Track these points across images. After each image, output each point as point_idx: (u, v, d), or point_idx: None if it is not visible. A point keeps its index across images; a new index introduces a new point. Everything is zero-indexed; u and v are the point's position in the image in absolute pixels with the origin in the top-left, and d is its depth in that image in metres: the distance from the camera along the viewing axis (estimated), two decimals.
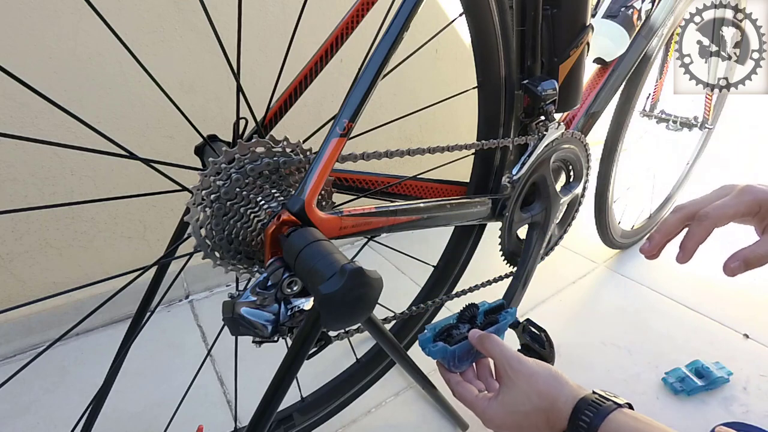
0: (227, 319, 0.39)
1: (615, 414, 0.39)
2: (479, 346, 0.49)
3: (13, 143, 0.76)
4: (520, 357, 0.45)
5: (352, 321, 0.37)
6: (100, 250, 0.94)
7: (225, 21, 0.41)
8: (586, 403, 0.40)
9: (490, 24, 0.51)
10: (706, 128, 1.26)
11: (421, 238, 0.73)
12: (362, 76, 0.41)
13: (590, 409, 0.40)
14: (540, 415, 0.42)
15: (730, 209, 0.41)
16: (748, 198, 0.41)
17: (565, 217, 0.75)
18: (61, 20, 0.75)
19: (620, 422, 0.38)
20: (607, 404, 0.40)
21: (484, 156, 0.62)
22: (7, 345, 0.89)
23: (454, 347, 0.49)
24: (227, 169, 0.40)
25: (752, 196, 0.41)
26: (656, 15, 0.78)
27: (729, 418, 0.74)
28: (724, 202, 0.42)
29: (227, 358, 0.88)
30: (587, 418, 0.39)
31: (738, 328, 0.94)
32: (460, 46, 1.30)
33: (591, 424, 0.39)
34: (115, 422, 0.75)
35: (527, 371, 0.44)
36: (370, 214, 0.45)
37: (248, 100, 0.44)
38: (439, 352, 0.49)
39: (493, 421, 0.45)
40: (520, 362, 0.45)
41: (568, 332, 0.96)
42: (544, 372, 0.44)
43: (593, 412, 0.39)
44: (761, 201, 0.41)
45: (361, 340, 0.92)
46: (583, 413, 0.40)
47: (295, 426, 0.65)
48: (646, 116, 1.27)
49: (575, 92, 0.64)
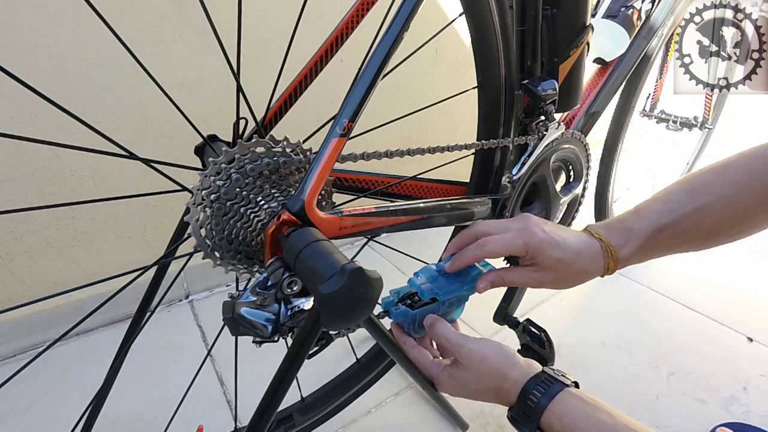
0: (227, 319, 0.39)
1: (562, 394, 0.40)
2: (429, 331, 0.49)
3: (13, 143, 0.76)
4: (469, 343, 0.45)
5: (352, 321, 0.36)
6: (100, 250, 0.94)
7: (225, 21, 0.41)
8: (535, 384, 0.41)
9: (490, 24, 0.51)
10: (706, 128, 1.26)
11: (421, 238, 0.73)
12: (362, 76, 0.41)
13: (538, 389, 0.41)
14: (490, 392, 0.44)
15: (502, 248, 0.48)
16: (520, 242, 0.47)
17: (565, 217, 0.75)
18: (61, 20, 0.75)
19: (567, 403, 0.39)
20: (555, 384, 0.41)
21: (484, 156, 0.62)
22: (7, 345, 0.89)
23: (415, 311, 0.50)
24: (227, 169, 0.40)
25: (523, 241, 0.47)
26: (656, 15, 0.78)
27: (729, 418, 0.74)
28: (502, 238, 0.48)
29: (227, 358, 0.88)
30: (535, 398, 0.40)
31: (738, 328, 0.94)
32: (460, 46, 1.30)
33: (538, 404, 0.40)
34: (115, 422, 0.75)
35: (477, 356, 0.44)
36: (370, 214, 0.45)
37: (248, 100, 0.44)
38: (401, 315, 0.51)
39: (444, 388, 0.48)
40: (468, 348, 0.45)
41: (568, 332, 0.96)
42: (493, 354, 0.44)
43: (541, 392, 0.40)
44: (529, 246, 0.47)
45: (361, 340, 0.92)
46: (531, 393, 0.41)
47: (295, 426, 0.65)
48: (646, 116, 1.27)
49: (575, 92, 0.64)
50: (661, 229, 0.47)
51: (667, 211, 0.48)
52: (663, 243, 0.48)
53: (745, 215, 0.45)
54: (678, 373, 0.84)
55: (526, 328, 0.69)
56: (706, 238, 0.47)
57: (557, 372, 0.43)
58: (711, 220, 0.46)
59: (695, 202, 0.47)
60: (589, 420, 0.37)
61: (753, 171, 0.45)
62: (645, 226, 0.48)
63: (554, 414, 0.39)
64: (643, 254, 0.49)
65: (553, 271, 0.48)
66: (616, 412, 0.38)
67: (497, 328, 0.87)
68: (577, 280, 0.50)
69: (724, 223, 0.46)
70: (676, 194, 0.49)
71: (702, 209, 0.46)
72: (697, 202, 0.47)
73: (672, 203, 0.48)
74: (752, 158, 0.45)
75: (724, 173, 0.47)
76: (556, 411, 0.39)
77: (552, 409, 0.39)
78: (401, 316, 0.51)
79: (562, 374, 0.43)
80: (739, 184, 0.45)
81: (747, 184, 0.44)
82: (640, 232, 0.48)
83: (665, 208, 0.48)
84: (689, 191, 0.48)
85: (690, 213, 0.47)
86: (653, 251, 0.49)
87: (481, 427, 0.75)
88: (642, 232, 0.48)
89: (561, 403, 0.39)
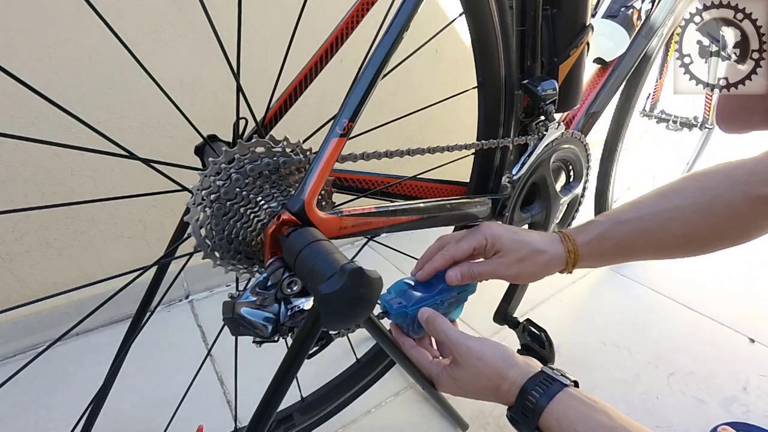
0: (227, 319, 0.39)
1: (561, 395, 0.39)
2: (426, 327, 0.49)
3: (13, 143, 0.76)
4: (467, 342, 0.45)
5: (352, 321, 0.36)
6: (100, 250, 0.94)
7: (225, 21, 0.41)
8: (533, 384, 0.41)
9: (490, 24, 0.51)
10: (706, 128, 1.26)
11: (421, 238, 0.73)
12: (362, 76, 0.41)
13: (537, 389, 0.40)
14: (489, 392, 0.44)
15: (465, 244, 0.51)
16: (479, 235, 0.50)
17: (565, 217, 0.75)
18: (61, 20, 0.75)
19: (566, 404, 0.39)
20: (554, 385, 0.40)
21: (484, 156, 0.62)
22: (7, 345, 0.89)
23: (413, 312, 0.50)
24: (227, 169, 0.40)
25: (481, 233, 0.50)
26: (656, 15, 0.78)
27: (729, 418, 0.74)
28: (462, 238, 0.51)
29: (227, 358, 0.88)
30: (533, 398, 0.40)
31: (738, 328, 0.94)
32: (460, 46, 1.30)
33: (537, 405, 0.39)
34: (115, 422, 0.75)
35: (475, 355, 0.44)
36: (370, 214, 0.45)
37: (248, 100, 0.44)
38: (400, 316, 0.50)
39: (443, 388, 0.48)
40: (468, 346, 0.45)
41: (568, 332, 0.96)
42: (491, 354, 0.44)
43: (539, 393, 0.40)
44: (487, 236, 0.50)
45: (361, 340, 0.92)
46: (529, 394, 0.40)
47: (295, 426, 0.65)
48: (646, 116, 1.27)
49: (575, 92, 0.64)
50: (622, 222, 0.48)
51: (632, 208, 0.49)
52: (626, 238, 0.48)
53: (717, 224, 0.45)
54: (678, 373, 0.84)
55: (526, 328, 0.69)
56: (675, 243, 0.48)
57: (556, 372, 0.43)
58: (680, 224, 0.46)
59: (663, 204, 0.47)
60: (588, 423, 0.37)
61: (734, 180, 0.44)
62: (606, 219, 0.50)
63: (553, 415, 0.39)
64: (605, 247, 0.50)
65: (513, 253, 0.49)
66: (615, 413, 0.38)
67: (497, 328, 0.87)
68: (541, 265, 0.50)
69: (695, 230, 0.46)
70: (645, 196, 0.50)
71: (671, 212, 0.47)
72: (665, 204, 0.47)
73: (639, 203, 0.49)
74: (736, 168, 0.45)
75: (701, 180, 0.47)
76: (555, 412, 0.39)
77: (551, 410, 0.39)
78: (400, 316, 0.51)
79: (561, 373, 0.42)
80: (715, 190, 0.45)
81: (724, 192, 0.44)
82: (600, 222, 0.50)
83: (630, 207, 0.50)
84: (659, 194, 0.49)
85: (657, 213, 0.47)
86: (618, 247, 0.49)
87: (481, 427, 0.75)
88: (602, 223, 0.50)
89: (560, 404, 0.39)
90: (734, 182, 0.44)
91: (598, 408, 0.38)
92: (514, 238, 0.50)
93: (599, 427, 0.36)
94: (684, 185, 0.48)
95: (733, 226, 0.45)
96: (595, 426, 0.37)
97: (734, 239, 0.46)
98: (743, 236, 0.46)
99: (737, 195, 0.44)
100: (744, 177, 0.44)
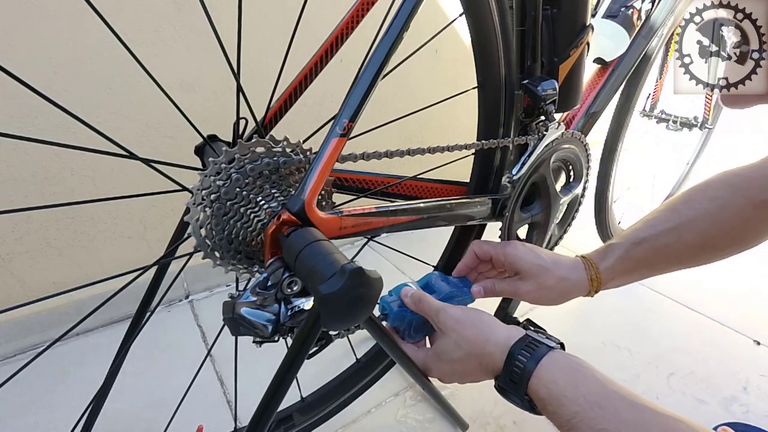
0: (227, 319, 0.39)
1: (548, 358, 0.39)
2: (411, 304, 0.49)
3: (13, 143, 0.76)
4: (445, 307, 0.45)
5: (353, 321, 0.36)
6: (100, 250, 0.94)
7: (225, 21, 0.41)
8: (519, 348, 0.40)
9: (490, 24, 0.51)
10: (706, 128, 1.26)
11: (421, 238, 0.73)
12: (362, 76, 0.41)
13: (523, 354, 0.40)
14: (472, 360, 0.43)
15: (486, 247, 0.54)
16: (499, 251, 0.53)
17: (565, 217, 0.75)
18: (61, 20, 0.75)
19: (554, 367, 0.38)
20: (540, 348, 0.40)
21: (484, 156, 0.62)
22: (7, 345, 0.89)
23: (411, 316, 0.50)
24: (227, 169, 0.40)
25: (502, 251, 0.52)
26: (656, 15, 0.78)
27: (729, 418, 0.74)
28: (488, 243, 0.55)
29: (227, 358, 0.88)
30: (521, 363, 0.39)
31: (737, 328, 0.94)
32: (460, 46, 1.30)
33: (525, 369, 0.39)
34: (115, 422, 0.75)
35: (452, 318, 0.44)
36: (370, 214, 0.45)
37: (248, 100, 0.44)
38: (398, 320, 0.50)
39: (432, 371, 0.48)
40: (446, 311, 0.45)
41: (568, 332, 0.96)
42: (470, 318, 0.44)
43: (527, 357, 0.39)
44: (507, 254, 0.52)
45: (361, 340, 0.92)
46: (516, 359, 0.40)
47: (295, 426, 0.65)
48: (646, 116, 1.27)
49: (575, 92, 0.64)
50: (640, 242, 0.49)
51: (647, 226, 0.50)
52: (645, 257, 0.49)
53: (729, 230, 0.46)
54: (678, 373, 0.84)
55: (526, 328, 0.69)
56: (691, 253, 0.48)
57: (541, 333, 0.42)
58: (694, 235, 0.47)
59: (676, 218, 0.48)
60: (578, 388, 0.36)
61: (735, 187, 0.46)
62: (624, 240, 0.51)
63: (542, 380, 0.38)
64: (625, 267, 0.50)
65: (534, 278, 0.50)
66: (604, 377, 0.37)
67: None
68: (562, 292, 0.51)
69: (709, 239, 0.47)
70: (657, 213, 0.51)
71: (684, 225, 0.47)
72: (678, 218, 0.48)
73: (653, 221, 0.50)
74: (735, 176, 0.47)
75: (705, 190, 0.48)
76: (544, 377, 0.38)
77: (539, 374, 0.38)
78: (398, 319, 0.50)
79: (547, 336, 0.42)
80: (721, 199, 0.46)
81: (729, 200, 0.46)
82: (619, 245, 0.51)
83: (645, 225, 0.50)
84: (671, 209, 0.50)
85: (671, 228, 0.48)
86: (638, 266, 0.50)
87: (481, 427, 0.75)
88: (621, 245, 0.50)
89: (548, 369, 0.38)
90: (736, 189, 0.46)
91: (587, 373, 0.37)
92: (537, 263, 0.51)
93: (590, 393, 0.35)
94: (691, 197, 0.49)
95: (743, 231, 0.46)
96: (585, 392, 0.35)
97: (745, 244, 0.47)
98: (753, 240, 0.47)
99: (741, 201, 0.45)
100: (743, 184, 0.45)
